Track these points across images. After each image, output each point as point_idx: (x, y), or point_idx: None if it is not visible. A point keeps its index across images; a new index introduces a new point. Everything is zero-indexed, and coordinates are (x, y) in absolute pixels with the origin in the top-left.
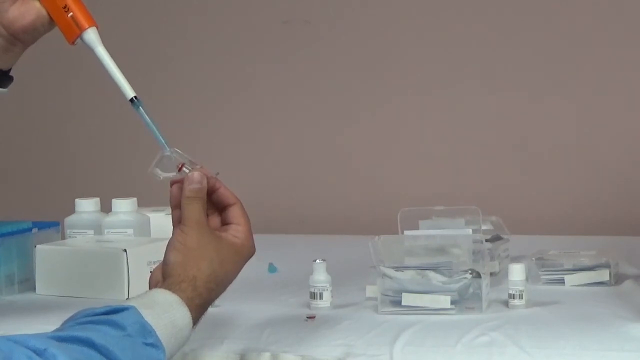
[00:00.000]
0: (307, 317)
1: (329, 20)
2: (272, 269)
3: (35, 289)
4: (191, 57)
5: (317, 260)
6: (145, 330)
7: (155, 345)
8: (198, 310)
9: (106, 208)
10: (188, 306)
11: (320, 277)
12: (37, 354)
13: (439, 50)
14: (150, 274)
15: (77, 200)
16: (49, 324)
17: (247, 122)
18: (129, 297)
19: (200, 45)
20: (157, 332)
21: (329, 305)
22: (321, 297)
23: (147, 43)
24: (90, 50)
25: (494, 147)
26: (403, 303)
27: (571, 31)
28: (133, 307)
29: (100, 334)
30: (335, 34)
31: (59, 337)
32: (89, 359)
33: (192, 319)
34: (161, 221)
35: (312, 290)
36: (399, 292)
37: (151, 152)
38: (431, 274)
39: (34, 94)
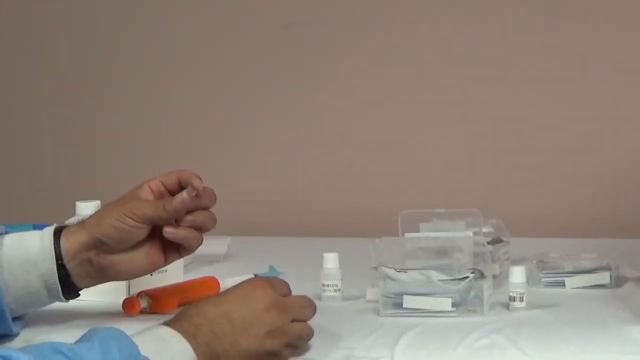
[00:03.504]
0: None
1: (329, 23)
2: (272, 272)
3: None
4: (191, 61)
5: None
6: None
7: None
8: (183, 322)
9: None
10: (168, 325)
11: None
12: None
13: (440, 52)
14: (150, 276)
15: (77, 203)
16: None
17: (248, 125)
18: None
19: (200, 49)
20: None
21: (340, 295)
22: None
23: (149, 48)
24: None
25: (495, 149)
26: (404, 305)
27: (571, 32)
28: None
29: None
30: (336, 37)
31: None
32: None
33: (179, 331)
34: None
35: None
36: (401, 294)
37: (152, 154)
38: (433, 274)
39: (34, 97)
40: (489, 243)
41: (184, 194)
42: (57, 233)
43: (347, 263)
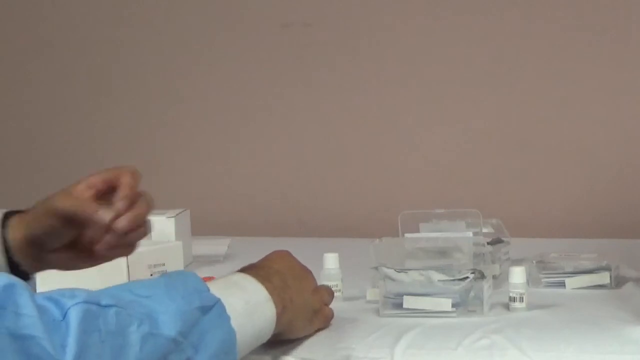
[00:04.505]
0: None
1: (329, 22)
2: None
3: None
4: (191, 61)
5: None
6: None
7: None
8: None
9: None
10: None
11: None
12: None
13: (439, 52)
14: (150, 276)
15: None
16: None
17: (247, 124)
18: None
19: (200, 48)
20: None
21: (340, 295)
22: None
23: (149, 47)
24: None
25: (495, 149)
26: (405, 306)
27: (571, 33)
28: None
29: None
30: (335, 36)
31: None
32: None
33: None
34: (162, 224)
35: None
36: (401, 294)
37: (152, 155)
38: (433, 274)
39: (34, 96)
40: (489, 243)
41: (104, 215)
42: (7, 219)
43: (347, 263)
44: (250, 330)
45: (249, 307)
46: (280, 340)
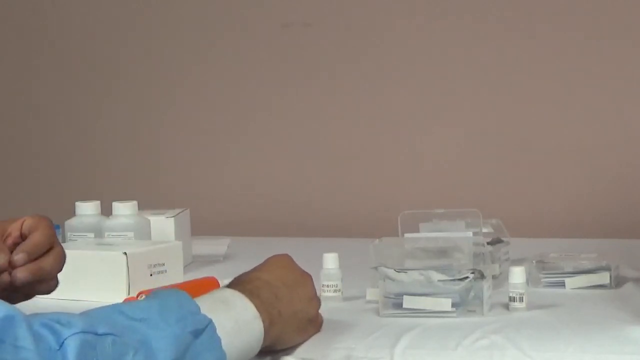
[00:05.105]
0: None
1: (329, 22)
2: None
3: None
4: (192, 61)
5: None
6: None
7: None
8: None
9: (106, 211)
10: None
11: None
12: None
13: (440, 52)
14: (150, 276)
15: (77, 203)
16: None
17: (247, 125)
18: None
19: (200, 48)
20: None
21: (340, 295)
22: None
23: (148, 48)
24: None
25: (495, 149)
26: (404, 306)
27: (571, 33)
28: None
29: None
30: (335, 36)
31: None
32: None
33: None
34: (162, 224)
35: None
36: (401, 294)
37: (152, 156)
38: (433, 274)
39: (34, 97)
40: (488, 243)
41: None
42: None
43: (347, 263)
44: (239, 347)
45: (237, 325)
46: (272, 351)
